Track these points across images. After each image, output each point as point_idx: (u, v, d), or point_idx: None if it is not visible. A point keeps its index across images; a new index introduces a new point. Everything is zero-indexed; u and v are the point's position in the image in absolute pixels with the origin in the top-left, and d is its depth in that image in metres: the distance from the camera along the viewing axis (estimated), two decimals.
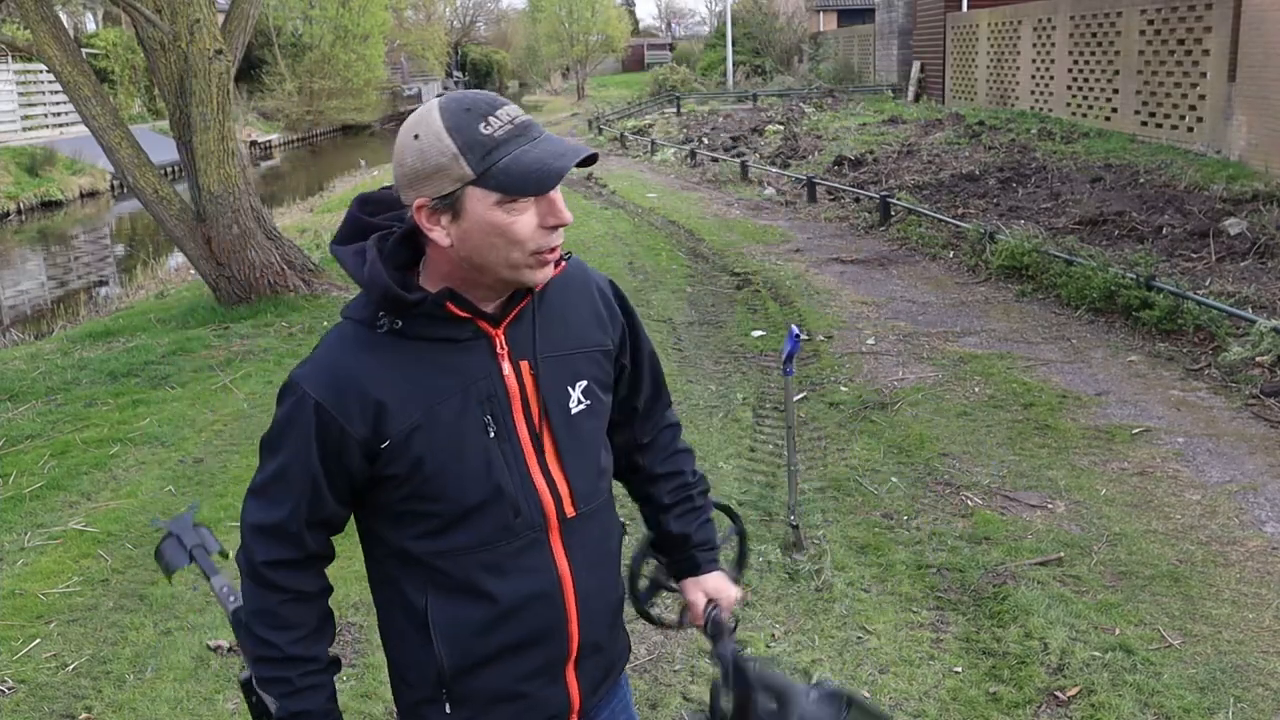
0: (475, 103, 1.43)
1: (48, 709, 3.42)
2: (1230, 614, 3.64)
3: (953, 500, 4.63)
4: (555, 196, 1.45)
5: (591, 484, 1.62)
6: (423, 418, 1.49)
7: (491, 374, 1.52)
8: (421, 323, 1.49)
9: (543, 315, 1.57)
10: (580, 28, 46.33)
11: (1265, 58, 11.57)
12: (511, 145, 1.41)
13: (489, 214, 1.42)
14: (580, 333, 1.62)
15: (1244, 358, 6.06)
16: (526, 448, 1.54)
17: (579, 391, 1.59)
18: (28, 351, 8.62)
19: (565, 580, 1.58)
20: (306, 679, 1.58)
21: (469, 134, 1.40)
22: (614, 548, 1.70)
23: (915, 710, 3.21)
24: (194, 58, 8.53)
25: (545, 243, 1.46)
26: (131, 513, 4.93)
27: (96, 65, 25.09)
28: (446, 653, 1.56)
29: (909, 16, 26.09)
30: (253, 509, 1.57)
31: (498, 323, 1.53)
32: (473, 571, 1.53)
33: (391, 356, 1.50)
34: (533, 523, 1.55)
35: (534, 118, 1.47)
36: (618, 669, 1.75)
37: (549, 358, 1.56)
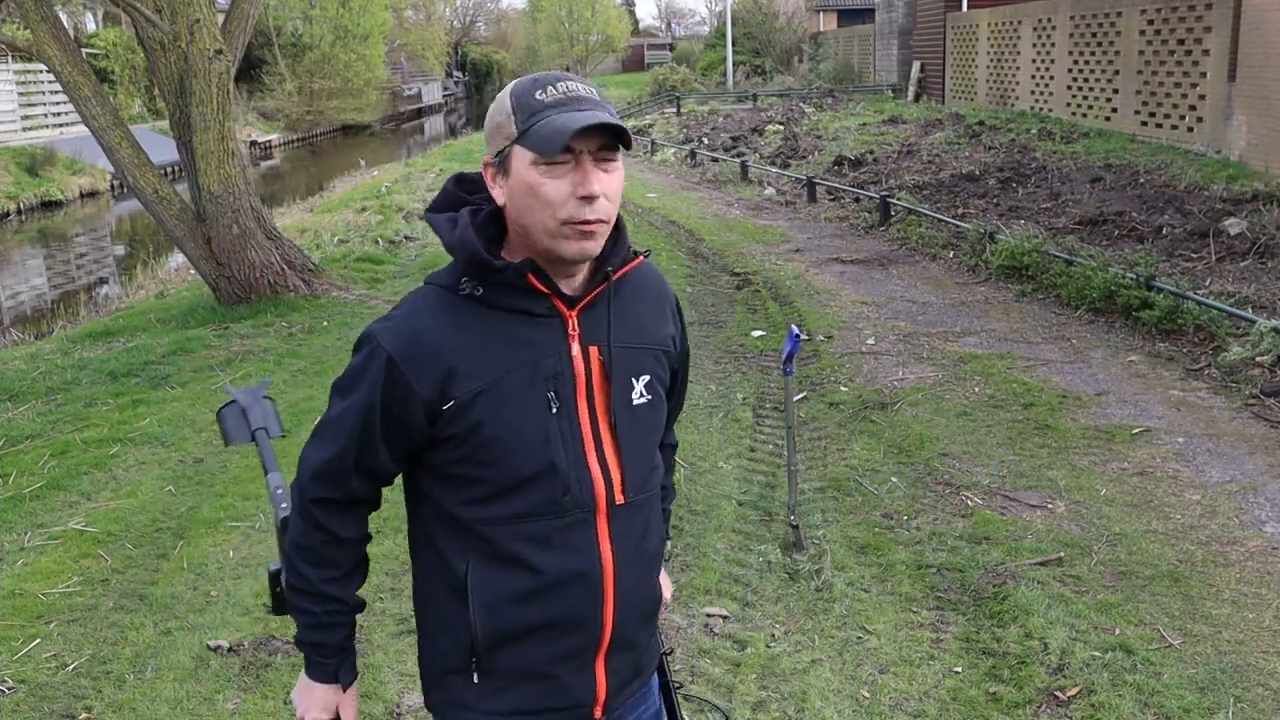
0: (545, 76, 1.54)
1: (48, 709, 3.42)
2: (1230, 614, 3.64)
3: (953, 500, 4.63)
4: (589, 168, 1.49)
5: (643, 476, 1.64)
6: (489, 384, 1.53)
7: (561, 353, 1.56)
8: (501, 291, 1.55)
9: (619, 307, 1.62)
10: (580, 28, 46.37)
11: (1265, 58, 11.57)
12: (553, 110, 1.48)
13: (526, 173, 1.50)
14: (650, 329, 1.67)
15: (1244, 358, 6.06)
16: (585, 430, 1.58)
17: (642, 385, 1.64)
18: (28, 351, 8.62)
19: (606, 565, 1.59)
20: (331, 616, 1.66)
21: (524, 98, 1.51)
22: (655, 548, 1.71)
23: (915, 710, 3.21)
24: (194, 58, 8.53)
25: (576, 212, 1.49)
26: (131, 513, 4.92)
27: (96, 65, 25.09)
28: (482, 621, 1.58)
29: (909, 16, 26.09)
30: (311, 446, 1.64)
31: (573, 305, 1.58)
32: (516, 542, 1.56)
33: (468, 321, 1.55)
34: (582, 503, 1.57)
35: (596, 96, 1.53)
36: (647, 673, 1.76)
37: (618, 347, 1.61)
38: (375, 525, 4.58)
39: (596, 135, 1.48)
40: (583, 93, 1.52)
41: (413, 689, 3.42)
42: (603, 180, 1.50)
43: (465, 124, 45.21)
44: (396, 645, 3.67)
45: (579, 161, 1.49)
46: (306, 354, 7.62)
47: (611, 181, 1.52)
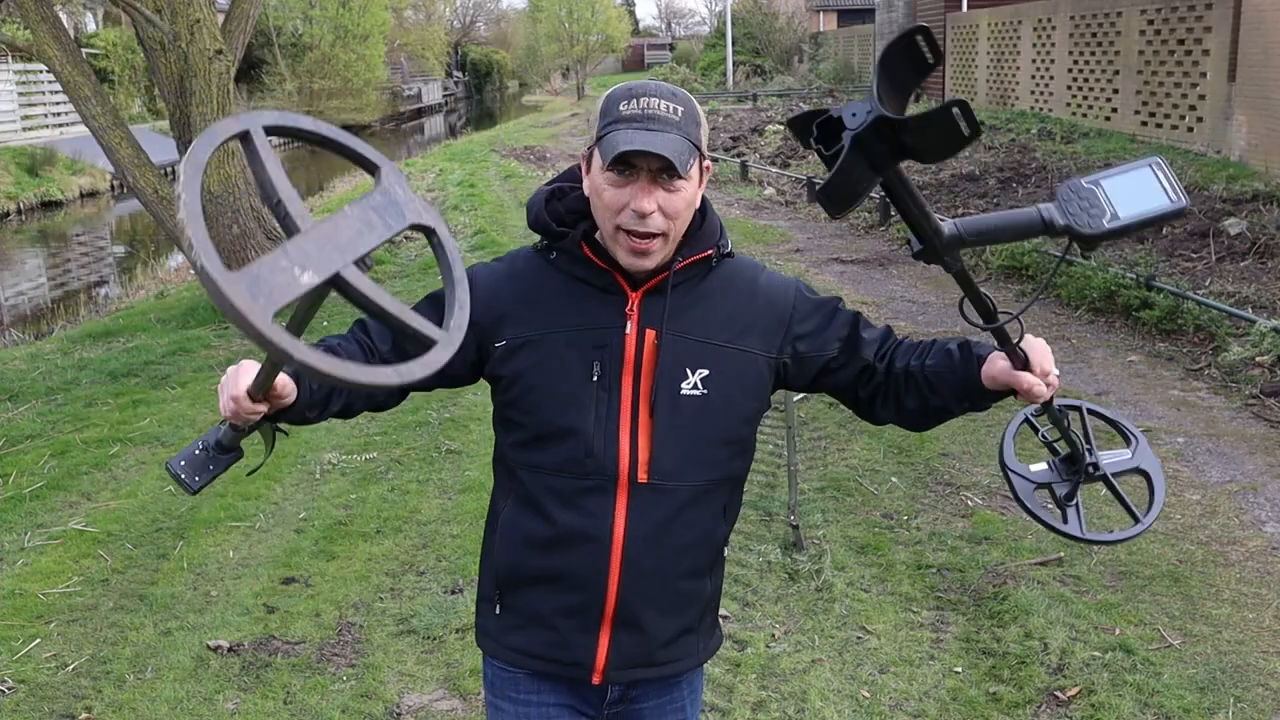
0: (638, 86, 1.60)
1: (48, 709, 3.42)
2: (1230, 614, 3.64)
3: (953, 500, 4.63)
4: (646, 185, 1.55)
5: (677, 463, 1.65)
6: (536, 336, 1.65)
7: (616, 328, 1.64)
8: (568, 259, 1.67)
9: (690, 298, 1.67)
10: (580, 28, 46.32)
11: (1265, 58, 11.57)
12: (626, 124, 1.55)
13: (596, 175, 1.60)
14: (723, 329, 1.68)
15: (1244, 358, 6.06)
16: (624, 404, 1.64)
17: (696, 377, 1.66)
18: (28, 351, 8.62)
19: (616, 535, 1.64)
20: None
21: (611, 105, 1.59)
22: (690, 538, 1.69)
23: (915, 710, 3.21)
24: (194, 58, 8.53)
25: (626, 222, 1.57)
26: (131, 513, 4.92)
27: (96, 65, 25.09)
28: (501, 556, 1.73)
29: (909, 16, 26.09)
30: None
31: (637, 286, 1.65)
32: (543, 492, 1.67)
33: (536, 278, 1.68)
34: (603, 469, 1.64)
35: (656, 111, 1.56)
36: (667, 667, 1.75)
37: (677, 336, 1.65)
38: (374, 525, 4.60)
39: (652, 157, 1.53)
40: (660, 111, 1.56)
41: (413, 689, 3.42)
42: (661, 198, 1.56)
43: (465, 124, 45.20)
44: (396, 645, 3.67)
45: (638, 177, 1.56)
46: None
47: (672, 200, 1.57)
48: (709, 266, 1.70)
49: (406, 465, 5.33)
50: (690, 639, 1.77)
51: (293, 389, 1.50)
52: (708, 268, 1.70)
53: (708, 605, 1.79)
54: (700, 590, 1.75)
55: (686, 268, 1.66)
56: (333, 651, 3.65)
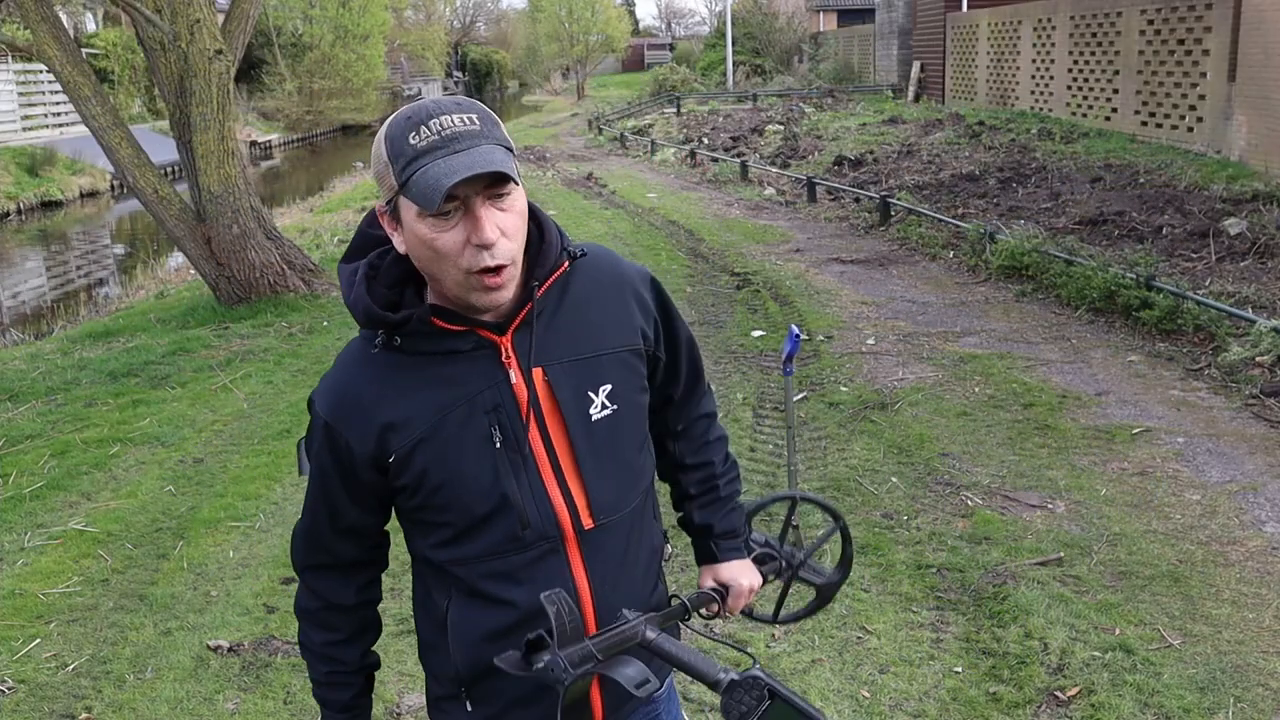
0: (417, 111, 1.41)
1: (48, 709, 3.42)
2: (1230, 614, 3.64)
3: (953, 500, 4.63)
4: (481, 214, 1.38)
5: (614, 494, 1.56)
6: (426, 431, 1.48)
7: (498, 382, 1.49)
8: (418, 339, 1.49)
9: (562, 317, 1.53)
10: (580, 28, 46.31)
11: (1265, 58, 11.57)
12: (429, 157, 1.36)
13: (415, 226, 1.40)
14: (606, 333, 1.57)
15: (1244, 358, 6.06)
16: (540, 457, 1.51)
17: (602, 396, 1.54)
18: (28, 351, 8.62)
19: (583, 593, 1.55)
20: (333, 677, 1.67)
21: (399, 144, 1.39)
22: (644, 562, 1.64)
23: (915, 710, 3.21)
24: (194, 58, 8.53)
25: (475, 262, 1.39)
26: (131, 513, 4.92)
27: (96, 65, 25.09)
28: (459, 656, 1.57)
29: (909, 16, 26.08)
30: (302, 514, 1.65)
31: (503, 330, 1.50)
32: (485, 580, 1.53)
33: (394, 373, 1.50)
34: (545, 534, 1.52)
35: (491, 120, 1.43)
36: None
37: (566, 363, 1.52)
38: None
39: (476, 179, 1.36)
40: (460, 128, 1.38)
41: (413, 689, 3.42)
42: (499, 220, 1.40)
43: None
44: (396, 645, 3.67)
45: (468, 207, 1.38)
46: (306, 354, 7.62)
47: (508, 220, 1.41)
48: (565, 276, 1.55)
49: None
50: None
51: None
52: (565, 277, 1.55)
53: (665, 606, 1.72)
54: (660, 597, 1.70)
55: (547, 291, 1.52)
56: None
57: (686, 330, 1.75)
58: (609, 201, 14.12)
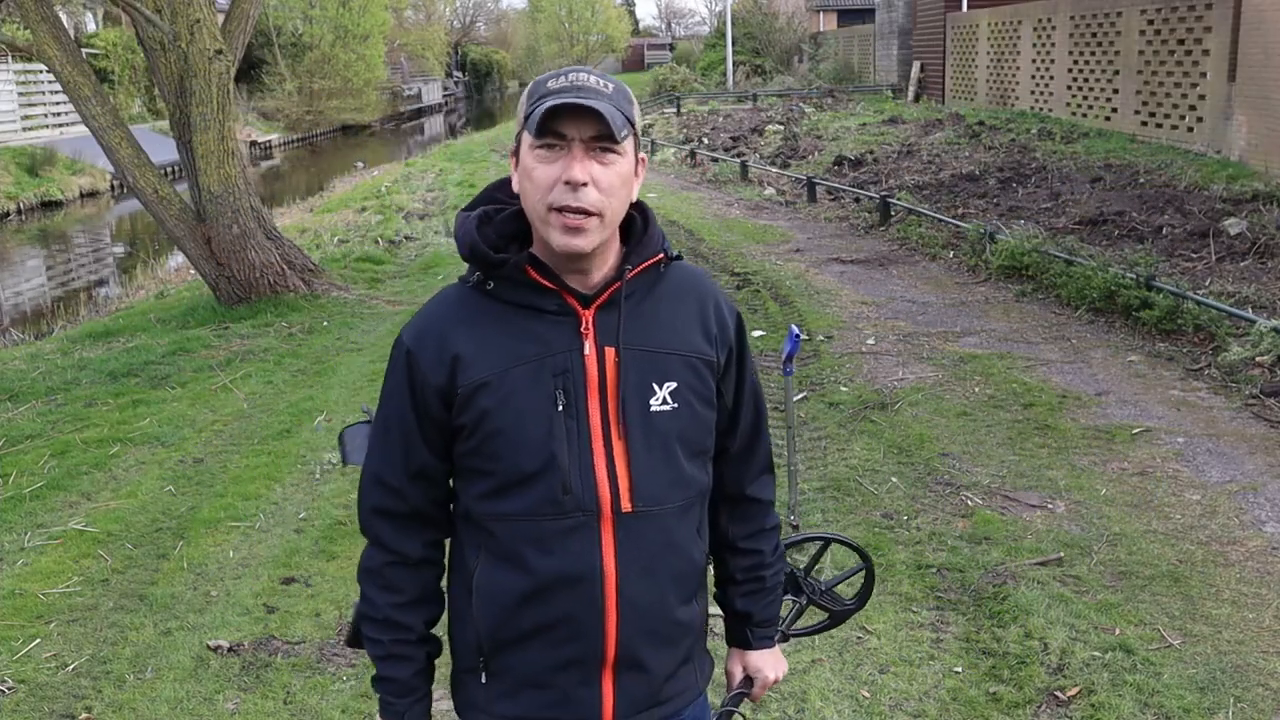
0: (567, 69, 1.56)
1: (48, 709, 3.42)
2: (1230, 614, 3.64)
3: (953, 500, 4.63)
4: (579, 155, 1.48)
5: (659, 487, 1.57)
6: (494, 376, 1.54)
7: (572, 350, 1.55)
8: (509, 286, 1.56)
9: (643, 309, 1.59)
10: (580, 28, 46.37)
11: (1265, 58, 11.57)
12: (554, 95, 1.48)
13: (526, 155, 1.52)
14: (681, 335, 1.60)
15: (1244, 358, 6.06)
16: (595, 430, 1.55)
17: (665, 391, 1.58)
18: (28, 351, 8.62)
19: (608, 574, 1.55)
20: (399, 646, 1.64)
21: (537, 86, 1.53)
22: (680, 565, 1.62)
23: (915, 710, 3.21)
24: (194, 58, 8.53)
25: (560, 198, 1.48)
26: (131, 513, 4.92)
27: (96, 65, 25.07)
28: (482, 620, 1.59)
29: (909, 16, 26.08)
30: (367, 459, 1.67)
31: (588, 303, 1.56)
32: (519, 541, 1.55)
33: (480, 315, 1.57)
34: (583, 505, 1.54)
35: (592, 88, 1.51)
36: (672, 703, 1.67)
37: (638, 350, 1.57)
38: None
39: (583, 121, 1.47)
40: (590, 83, 1.50)
41: None
42: (593, 171, 1.49)
43: (465, 124, 45.19)
44: None
45: (571, 149, 1.48)
46: (306, 354, 7.62)
47: (605, 174, 1.50)
48: (659, 273, 1.61)
49: None
50: (688, 669, 1.69)
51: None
52: (658, 274, 1.61)
53: (699, 632, 1.71)
54: (693, 618, 1.67)
55: (637, 277, 1.58)
56: (333, 651, 3.65)
57: (757, 384, 1.75)
58: None
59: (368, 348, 7.66)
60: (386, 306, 8.99)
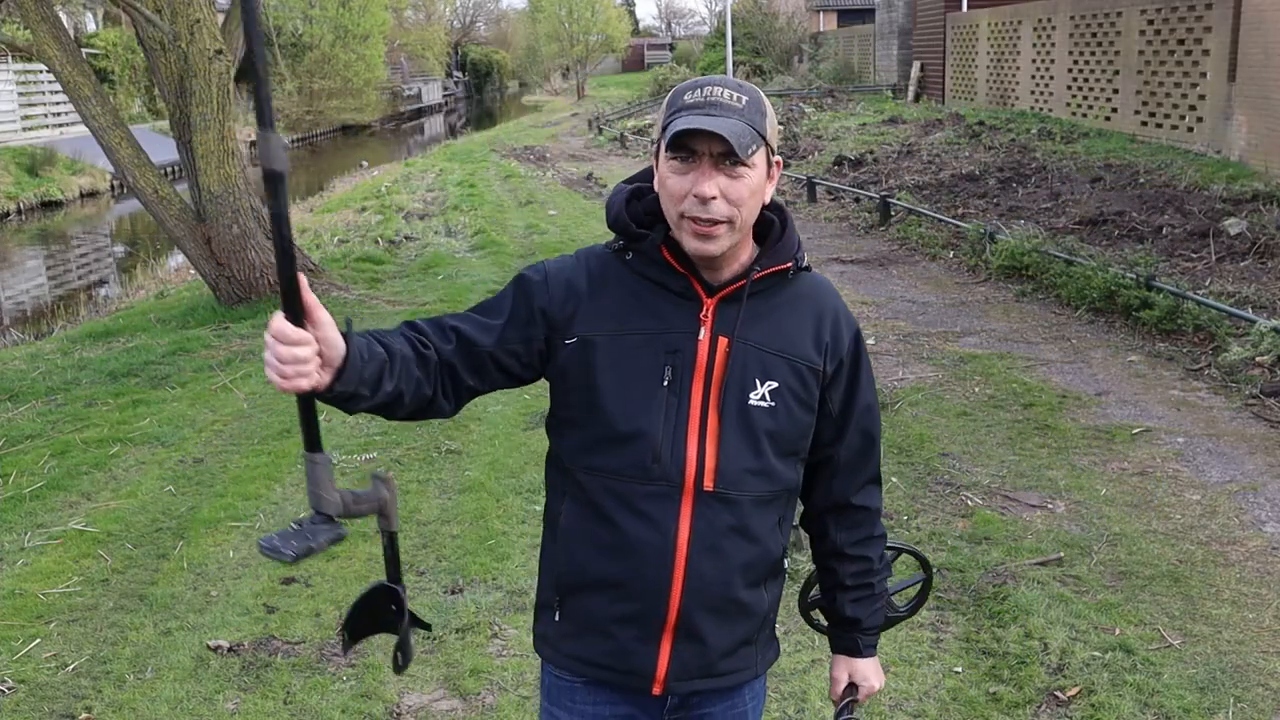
0: (706, 80, 1.63)
1: (48, 709, 3.42)
2: (1230, 614, 3.64)
3: (953, 500, 4.63)
4: (708, 170, 1.56)
5: (742, 474, 1.65)
6: (610, 335, 1.64)
7: (689, 333, 1.64)
8: (644, 261, 1.66)
9: (763, 309, 1.67)
10: (580, 28, 46.34)
11: (1265, 58, 11.57)
12: (688, 111, 1.58)
13: (663, 165, 1.62)
14: (793, 340, 1.68)
15: (1244, 358, 6.06)
16: (694, 410, 1.64)
17: (766, 388, 1.66)
18: (28, 351, 8.62)
19: (680, 543, 1.64)
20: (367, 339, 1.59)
21: (675, 97, 1.63)
22: (751, 550, 1.69)
23: (915, 710, 3.21)
24: (194, 58, 8.53)
25: (690, 208, 1.57)
26: (131, 513, 4.92)
27: (96, 65, 25.08)
28: (562, 560, 1.71)
29: (909, 16, 26.08)
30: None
31: (713, 293, 1.65)
32: (604, 495, 1.65)
33: (612, 277, 1.68)
34: (669, 476, 1.63)
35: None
36: (726, 678, 1.74)
37: (749, 345, 1.65)
38: (372, 525, 4.59)
39: (712, 139, 1.55)
40: (723, 99, 1.58)
41: (412, 689, 3.42)
42: (722, 184, 1.56)
43: (465, 124, 45.19)
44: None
45: (701, 163, 1.57)
46: None
47: (734, 186, 1.57)
48: (786, 279, 1.69)
49: (406, 465, 5.33)
50: (749, 650, 1.77)
51: (328, 319, 1.48)
52: (785, 280, 1.69)
53: (766, 618, 1.78)
54: (759, 603, 1.74)
55: (764, 278, 1.66)
56: (333, 651, 3.65)
57: (872, 401, 1.81)
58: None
59: None
60: (387, 306, 8.99)
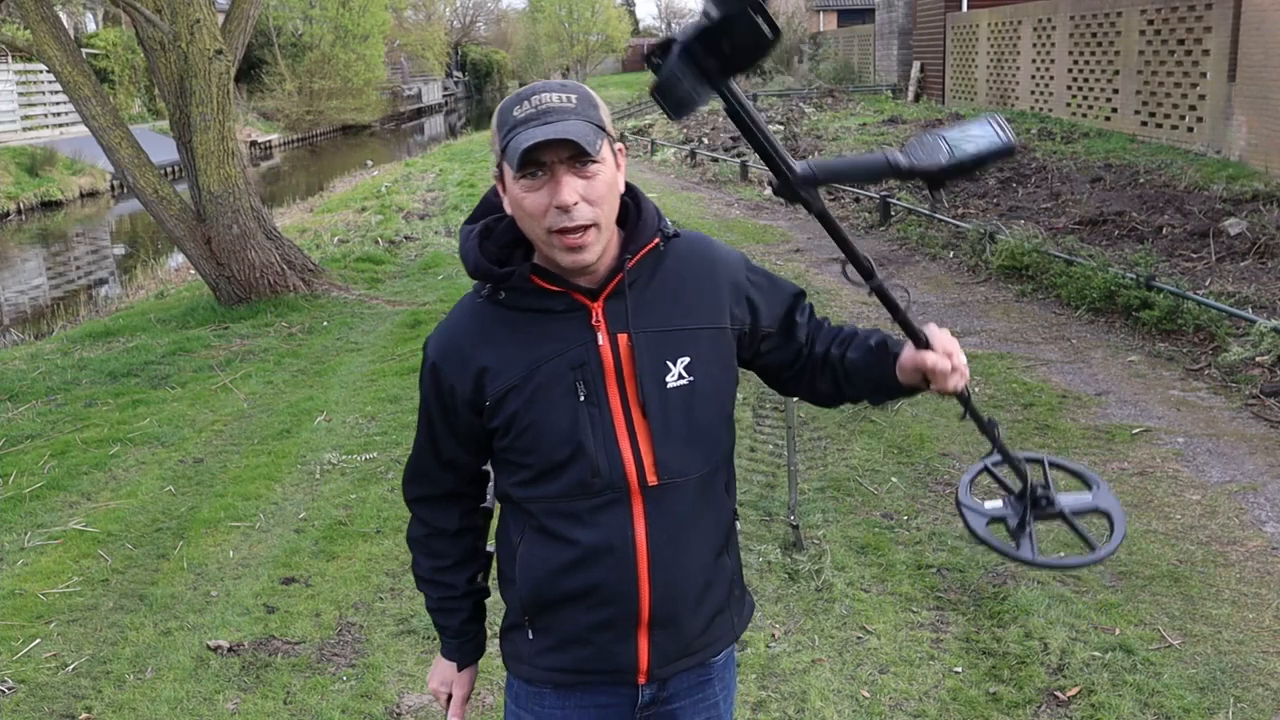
0: (528, 89, 1.59)
1: (48, 709, 3.42)
2: (1230, 614, 3.64)
3: (953, 500, 4.63)
4: (563, 179, 1.52)
5: (682, 459, 1.67)
6: (519, 380, 1.64)
7: (587, 343, 1.63)
8: (518, 295, 1.65)
9: (650, 292, 1.66)
10: (580, 28, 46.37)
11: (1265, 58, 11.57)
12: (524, 125, 1.53)
13: (512, 187, 1.57)
14: (692, 311, 1.68)
15: (1244, 358, 6.06)
16: (616, 414, 1.64)
17: (680, 367, 1.66)
18: (28, 351, 8.62)
19: (639, 543, 1.66)
20: (444, 602, 1.87)
21: (504, 114, 1.57)
22: (707, 526, 1.73)
23: (915, 710, 3.21)
24: (194, 58, 8.53)
25: (555, 222, 1.54)
26: (131, 513, 4.92)
27: (96, 65, 25.08)
28: (525, 587, 1.73)
29: (909, 16, 26.08)
30: (413, 447, 1.84)
31: (595, 295, 1.64)
32: (554, 519, 1.67)
33: (495, 325, 1.67)
34: (612, 484, 1.64)
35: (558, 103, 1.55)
36: (704, 652, 1.78)
37: (649, 332, 1.65)
38: (374, 525, 4.60)
39: (557, 146, 1.51)
40: (555, 103, 1.54)
41: (413, 689, 3.42)
42: (579, 187, 1.53)
43: (465, 124, 45.19)
44: (396, 645, 3.67)
45: (553, 172, 1.53)
46: (306, 354, 7.62)
47: (592, 186, 1.54)
48: (660, 253, 1.68)
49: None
50: (724, 618, 1.80)
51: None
52: (659, 255, 1.68)
53: (732, 580, 1.81)
54: (724, 569, 1.78)
55: (638, 263, 1.65)
56: (333, 651, 3.65)
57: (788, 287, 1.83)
58: None
59: (367, 348, 7.66)
60: (386, 306, 8.99)
